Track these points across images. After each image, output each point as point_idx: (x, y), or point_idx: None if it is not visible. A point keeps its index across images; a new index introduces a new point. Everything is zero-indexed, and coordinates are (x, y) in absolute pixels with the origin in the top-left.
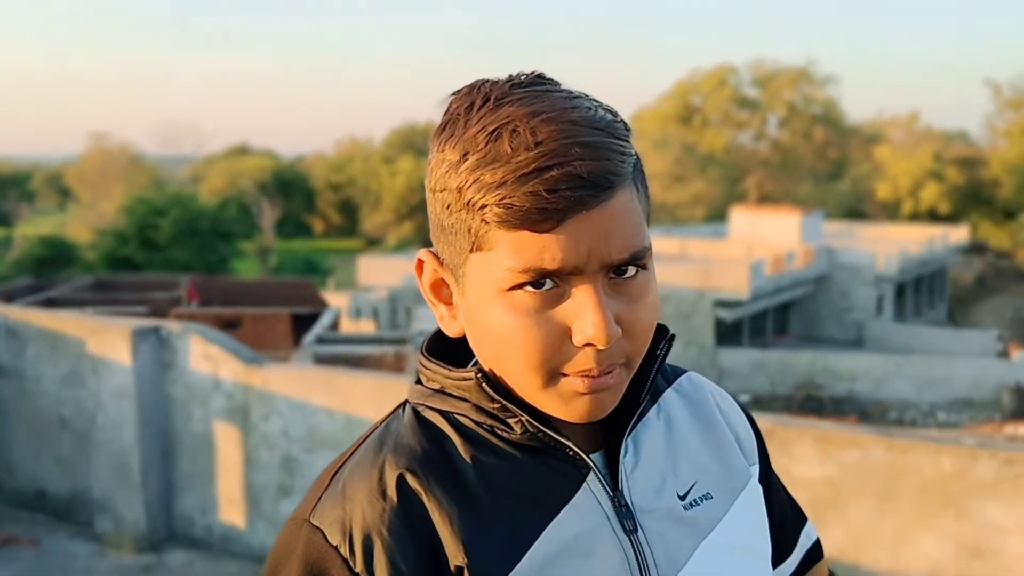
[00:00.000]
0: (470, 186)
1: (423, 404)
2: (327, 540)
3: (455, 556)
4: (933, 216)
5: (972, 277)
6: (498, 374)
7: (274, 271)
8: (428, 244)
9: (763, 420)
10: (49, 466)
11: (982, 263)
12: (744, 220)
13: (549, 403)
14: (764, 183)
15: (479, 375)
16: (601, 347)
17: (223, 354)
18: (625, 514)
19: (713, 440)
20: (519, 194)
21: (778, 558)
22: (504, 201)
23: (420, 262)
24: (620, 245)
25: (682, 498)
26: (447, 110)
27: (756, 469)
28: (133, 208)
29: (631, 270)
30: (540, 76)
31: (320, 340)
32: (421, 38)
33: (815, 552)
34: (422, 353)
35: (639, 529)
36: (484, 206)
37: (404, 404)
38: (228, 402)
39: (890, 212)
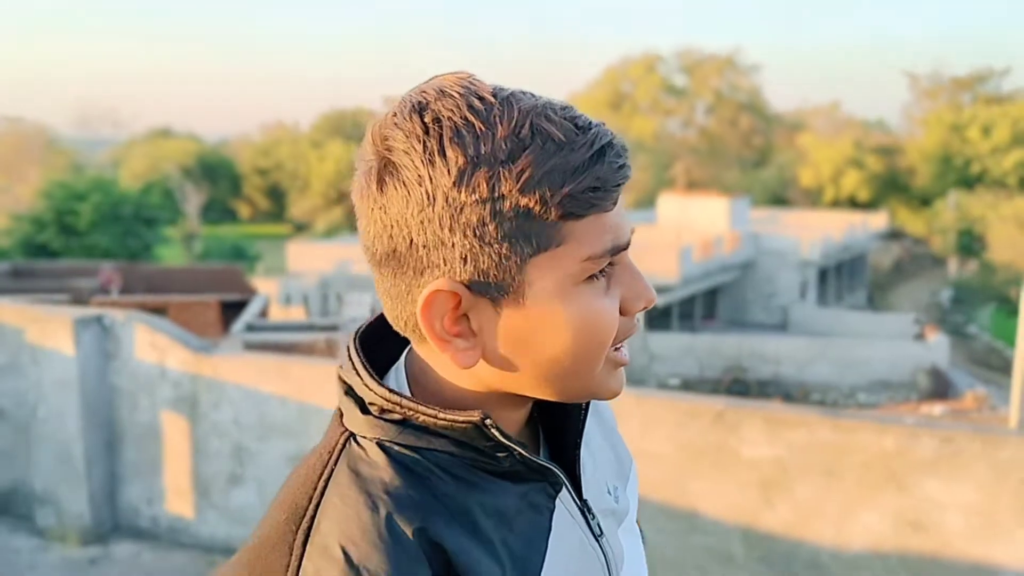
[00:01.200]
0: (537, 184)
1: (388, 441)
2: None
3: None
4: (854, 203)
5: (890, 262)
6: (539, 383)
7: (200, 257)
8: (356, 229)
9: (715, 402)
10: None
11: (900, 249)
12: (673, 206)
13: (597, 383)
14: (692, 169)
15: (484, 419)
16: (650, 307)
17: (170, 343)
18: (592, 521)
19: (606, 431)
20: (601, 175)
21: None
22: (580, 186)
23: (432, 299)
24: (626, 215)
25: (608, 493)
26: (429, 124)
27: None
28: (51, 192)
29: None
30: (471, 76)
31: (249, 327)
32: (348, 22)
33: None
34: (370, 377)
35: (603, 534)
36: (568, 197)
37: (349, 439)
38: (176, 391)
39: (813, 199)
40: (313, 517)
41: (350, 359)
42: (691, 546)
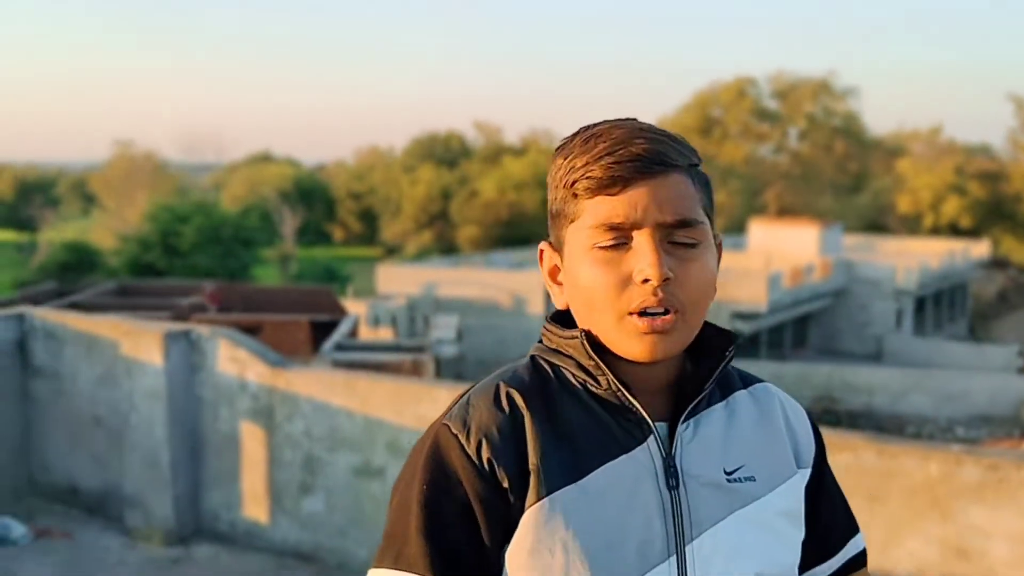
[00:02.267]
0: (568, 172)
1: (540, 356)
2: (451, 431)
3: (531, 459)
4: (954, 230)
5: (993, 292)
6: (590, 328)
7: (294, 278)
8: (447, 252)
9: None
10: (83, 463)
11: (1003, 278)
12: (763, 232)
13: (621, 342)
14: (784, 195)
15: (582, 334)
16: (656, 282)
17: (249, 357)
18: (671, 473)
19: (768, 436)
20: (596, 167)
21: (820, 558)
22: (587, 175)
23: (541, 252)
24: (670, 209)
25: (728, 474)
26: (564, 138)
27: (807, 472)
28: (156, 215)
29: (685, 240)
30: (634, 119)
31: (339, 347)
32: (444, 48)
33: (858, 560)
34: (547, 320)
35: (681, 486)
36: (574, 182)
37: (527, 356)
38: (254, 403)
39: (911, 226)
40: (474, 385)
41: (549, 314)
42: None
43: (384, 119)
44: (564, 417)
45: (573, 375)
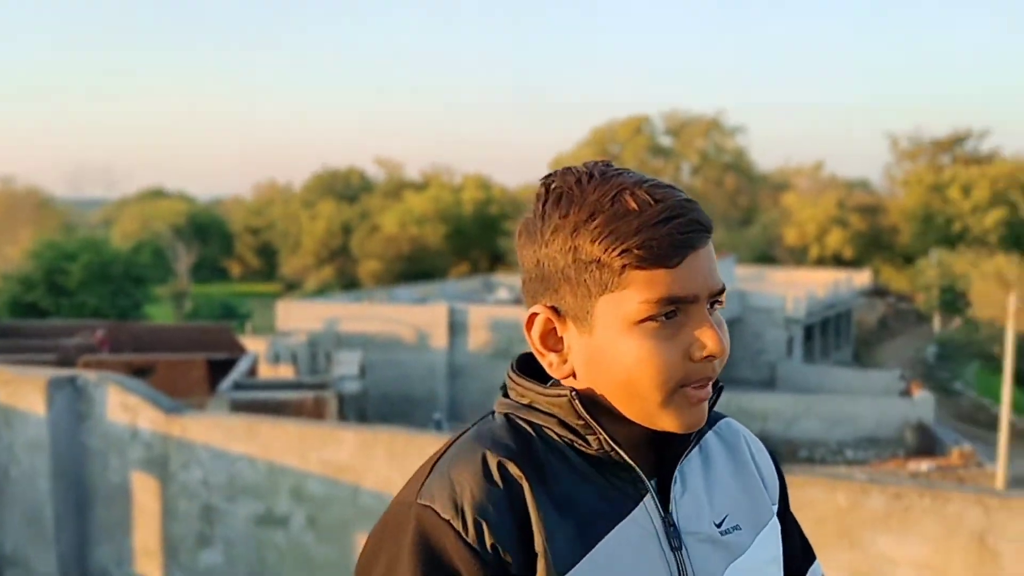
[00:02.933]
0: (604, 239)
1: (514, 414)
2: (439, 515)
3: (537, 540)
4: (838, 261)
5: (875, 319)
6: (618, 402)
7: (189, 316)
8: (348, 287)
9: None
10: None
11: (884, 305)
12: None
13: (664, 417)
14: None
15: (573, 393)
16: (719, 357)
17: (141, 403)
18: (673, 533)
19: (743, 479)
20: (656, 237)
21: None
22: (644, 244)
23: (533, 316)
24: (719, 278)
25: (718, 526)
26: (549, 187)
27: (775, 508)
28: (41, 252)
29: (717, 304)
30: (609, 163)
31: (237, 386)
32: (343, 84)
33: None
34: (516, 373)
35: (683, 547)
36: (624, 251)
37: (491, 414)
38: (147, 452)
39: (798, 256)
40: (442, 455)
41: (511, 363)
42: None
43: (282, 154)
44: (559, 484)
45: (557, 434)
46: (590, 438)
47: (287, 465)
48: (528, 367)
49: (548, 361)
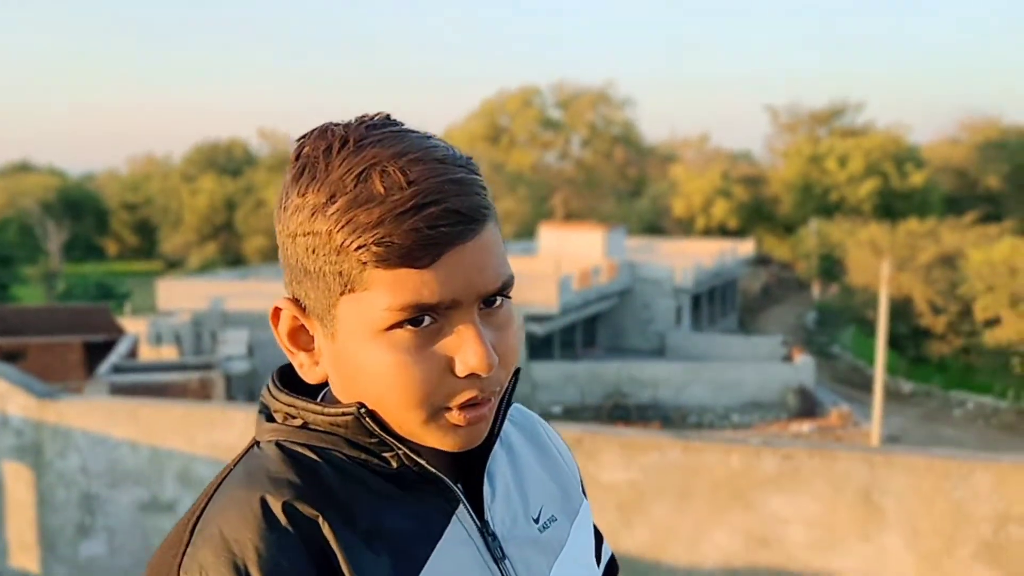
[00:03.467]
0: (342, 228)
1: (288, 441)
2: None
3: None
4: (723, 231)
5: (759, 287)
6: (374, 409)
7: (62, 297)
8: (233, 264)
9: (573, 430)
10: None
11: (766, 274)
12: (552, 237)
13: (429, 437)
14: (570, 201)
15: (362, 410)
16: (485, 375)
17: (10, 388)
18: (493, 543)
19: (549, 465)
20: (399, 231)
21: None
22: (384, 240)
23: (277, 310)
24: (493, 276)
25: (536, 521)
26: (299, 155)
27: (581, 488)
28: None
29: (498, 300)
30: (389, 117)
31: (117, 369)
32: (223, 54)
33: (613, 565)
34: (277, 389)
35: (506, 557)
36: (360, 246)
37: (254, 444)
38: (18, 439)
39: (685, 228)
40: (203, 510)
41: (268, 381)
42: None
43: (159, 126)
44: (362, 515)
45: (346, 456)
46: (387, 455)
47: (173, 448)
48: (292, 380)
49: (299, 362)
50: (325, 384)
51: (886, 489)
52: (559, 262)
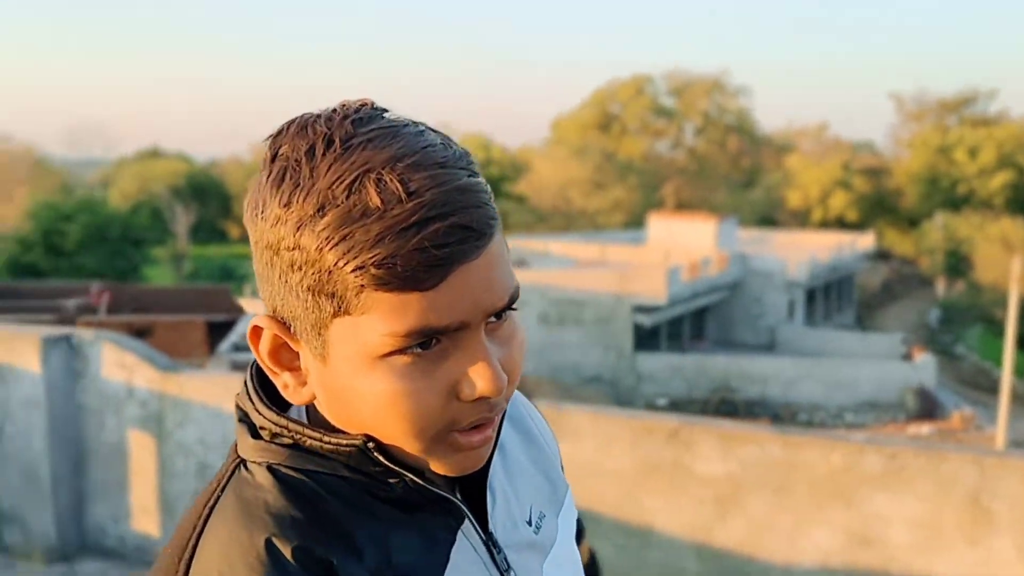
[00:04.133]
0: (334, 246)
1: (281, 465)
2: None
3: None
4: (841, 224)
5: (878, 283)
6: (375, 436)
7: (189, 277)
8: None
9: (669, 420)
10: None
11: (887, 269)
12: (662, 226)
13: (432, 462)
14: (681, 190)
15: (369, 444)
16: (495, 398)
17: (137, 361)
18: (499, 556)
19: (536, 456)
20: (403, 252)
21: None
22: (385, 261)
23: (257, 329)
24: (501, 292)
25: (529, 523)
26: (277, 155)
27: (563, 472)
28: (38, 213)
29: (504, 313)
30: (373, 105)
31: (236, 347)
32: (337, 41)
33: (580, 528)
34: (264, 405)
35: (511, 568)
36: (358, 268)
37: (239, 464)
38: (142, 410)
39: (800, 220)
40: (195, 546)
41: (246, 384)
42: (646, 562)
43: (280, 114)
44: (372, 547)
45: (345, 481)
46: (392, 481)
47: None
48: (268, 386)
49: (283, 383)
50: None
51: (997, 493)
52: (668, 253)
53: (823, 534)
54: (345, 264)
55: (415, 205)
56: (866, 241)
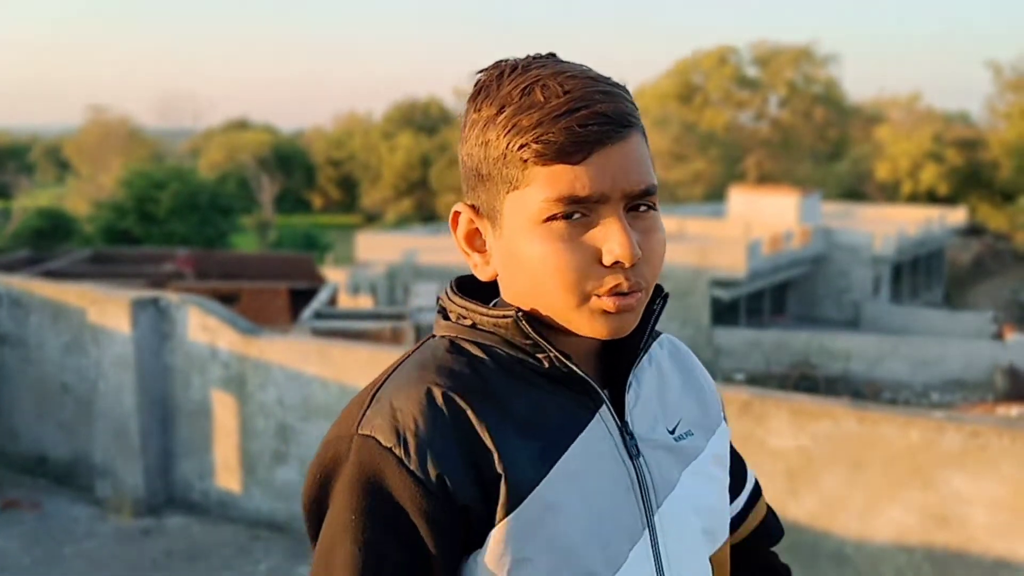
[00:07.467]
0: (508, 132)
1: (459, 337)
2: (380, 444)
3: (494, 466)
4: (932, 198)
5: (969, 259)
6: (532, 306)
7: (273, 246)
8: (427, 220)
9: (740, 392)
10: (51, 432)
11: (980, 245)
12: (742, 200)
13: (581, 321)
14: (764, 163)
15: (519, 313)
16: (628, 264)
17: (220, 325)
18: (630, 442)
19: (692, 387)
20: (554, 130)
21: (733, 494)
22: (542, 138)
23: (456, 215)
24: (637, 178)
25: (671, 432)
26: (477, 82)
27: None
28: (132, 181)
29: (644, 207)
30: (554, 54)
31: (318, 315)
32: (425, 14)
33: (757, 489)
34: (454, 293)
35: (641, 455)
36: (523, 145)
37: (431, 337)
38: (225, 371)
39: (889, 193)
40: (382, 385)
41: (446, 289)
42: None
43: (363, 85)
44: (512, 405)
45: (506, 353)
46: (540, 356)
47: (358, 387)
48: (466, 287)
49: (473, 262)
50: (497, 292)
51: None
52: (749, 226)
53: (898, 512)
54: (514, 144)
55: (567, 99)
56: (957, 215)
